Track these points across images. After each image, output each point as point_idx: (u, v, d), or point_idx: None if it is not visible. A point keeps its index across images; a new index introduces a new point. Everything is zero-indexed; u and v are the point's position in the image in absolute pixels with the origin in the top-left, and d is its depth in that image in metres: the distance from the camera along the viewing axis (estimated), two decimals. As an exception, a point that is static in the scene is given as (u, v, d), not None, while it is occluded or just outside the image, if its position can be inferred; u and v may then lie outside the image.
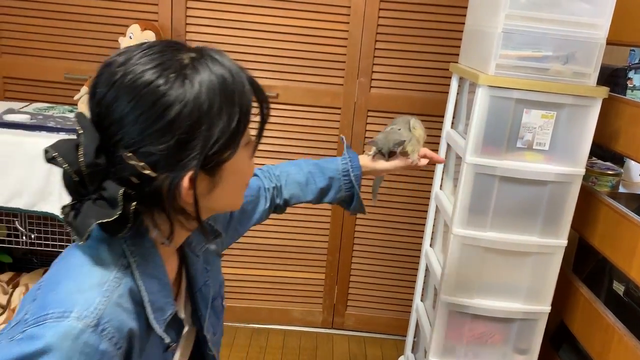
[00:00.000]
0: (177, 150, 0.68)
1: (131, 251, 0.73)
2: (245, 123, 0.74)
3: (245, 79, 0.75)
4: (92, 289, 0.68)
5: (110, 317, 0.67)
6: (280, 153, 2.42)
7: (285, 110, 2.38)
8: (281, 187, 1.17)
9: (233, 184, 0.78)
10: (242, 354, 2.42)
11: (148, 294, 0.73)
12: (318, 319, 2.64)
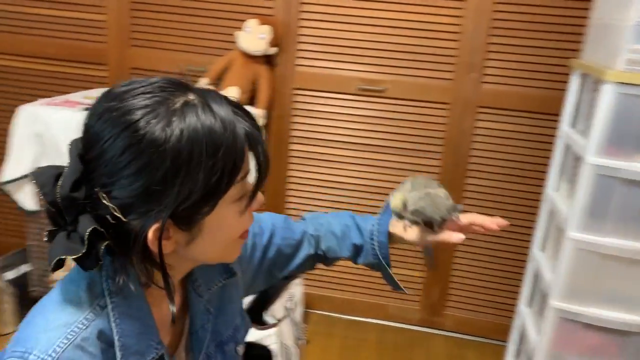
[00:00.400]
0: (145, 200, 0.64)
1: (111, 291, 0.70)
2: (228, 181, 0.66)
3: (241, 132, 0.66)
4: (57, 329, 0.66)
5: (68, 357, 0.65)
6: (385, 147, 2.41)
7: (392, 105, 2.37)
8: (319, 237, 1.04)
9: (217, 239, 0.71)
10: (338, 343, 2.45)
11: (121, 337, 0.70)
12: (415, 317, 2.61)
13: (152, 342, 0.74)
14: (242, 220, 0.73)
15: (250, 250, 0.95)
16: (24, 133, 2.00)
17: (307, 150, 2.48)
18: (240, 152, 0.66)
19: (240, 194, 0.70)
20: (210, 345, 0.86)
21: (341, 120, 2.41)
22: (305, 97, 2.41)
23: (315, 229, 1.04)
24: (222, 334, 0.88)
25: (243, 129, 0.67)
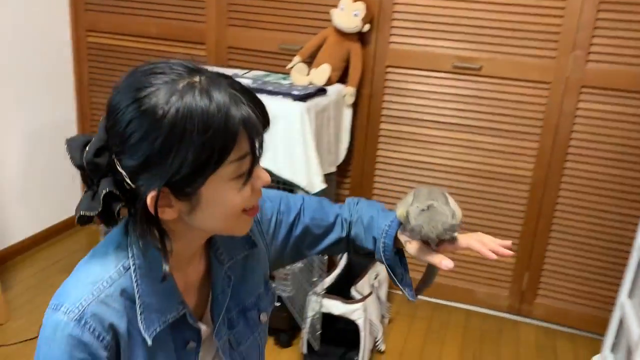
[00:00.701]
0: (144, 168, 0.71)
1: (134, 254, 0.78)
2: (218, 160, 0.71)
3: (236, 116, 0.70)
4: (85, 286, 0.75)
5: (93, 313, 0.74)
6: (479, 128, 2.35)
7: (487, 84, 2.29)
8: (351, 223, 1.04)
9: (216, 212, 0.76)
10: (423, 326, 2.43)
11: (142, 295, 0.77)
12: (503, 304, 2.54)
13: (173, 302, 0.81)
14: (241, 197, 0.76)
15: (274, 227, 0.99)
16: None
17: (398, 129, 2.46)
18: (231, 135, 0.70)
19: (236, 173, 0.73)
20: (233, 311, 0.91)
21: (434, 99, 2.37)
22: (398, 75, 2.39)
23: (350, 214, 1.05)
24: (244, 301, 0.93)
25: (240, 114, 0.71)
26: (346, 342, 2.13)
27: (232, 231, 0.82)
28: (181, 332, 0.84)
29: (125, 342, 0.78)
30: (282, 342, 2.23)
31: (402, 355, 2.22)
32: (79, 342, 0.73)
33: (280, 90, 2.05)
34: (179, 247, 0.80)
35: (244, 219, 0.81)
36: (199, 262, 0.88)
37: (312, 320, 2.03)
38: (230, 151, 0.71)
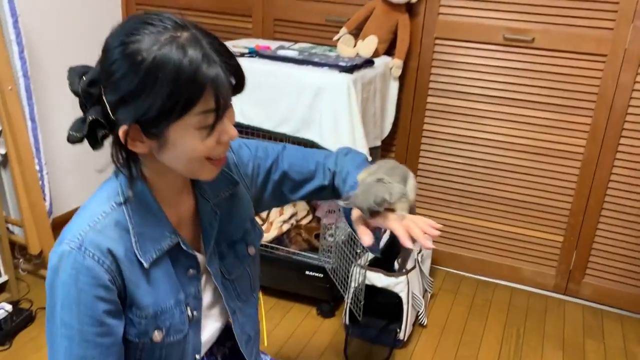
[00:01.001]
0: (121, 104, 0.80)
1: (124, 192, 0.88)
2: (183, 109, 0.78)
3: (206, 74, 0.77)
4: (83, 220, 0.86)
5: (90, 240, 0.84)
6: (530, 102, 2.29)
7: (539, 57, 2.22)
8: (335, 173, 1.12)
9: (180, 154, 0.84)
10: (466, 302, 2.42)
11: (135, 226, 0.88)
12: (550, 282, 2.49)
13: (165, 230, 0.91)
14: (204, 146, 0.83)
15: (253, 171, 1.10)
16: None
17: (445, 103, 2.42)
18: (197, 89, 0.77)
19: (201, 124, 0.81)
20: (223, 244, 1.03)
21: (484, 72, 2.32)
22: (447, 47, 2.34)
23: (336, 164, 1.12)
24: (232, 236, 1.04)
25: (210, 73, 0.78)
26: (388, 315, 2.15)
27: (196, 175, 0.90)
28: (180, 260, 0.94)
29: (128, 268, 0.87)
30: (324, 313, 2.26)
31: (444, 329, 2.22)
32: (82, 266, 0.83)
33: (327, 62, 2.04)
34: (162, 184, 0.91)
35: (209, 167, 0.88)
36: (187, 199, 0.98)
37: (355, 292, 2.05)
38: (194, 104, 0.78)
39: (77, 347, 0.84)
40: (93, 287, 0.83)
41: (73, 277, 0.83)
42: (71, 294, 0.83)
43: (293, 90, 1.96)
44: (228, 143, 0.88)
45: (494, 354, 2.10)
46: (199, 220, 1.00)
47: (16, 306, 2.17)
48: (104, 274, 0.84)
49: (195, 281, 0.97)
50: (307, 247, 2.26)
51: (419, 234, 0.86)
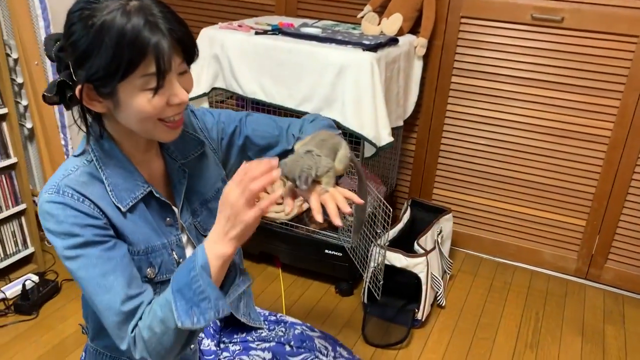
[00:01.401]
0: (77, 65, 0.87)
1: (93, 149, 0.95)
2: (126, 71, 0.84)
3: (147, 40, 0.83)
4: (58, 175, 0.93)
5: (66, 184, 0.91)
6: (557, 84, 2.24)
7: (569, 37, 2.17)
8: (299, 139, 1.14)
9: (132, 113, 0.89)
10: (485, 285, 2.41)
11: (108, 177, 0.95)
12: (571, 267, 2.47)
13: (137, 181, 0.98)
14: (152, 106, 0.88)
15: (218, 135, 1.15)
16: (203, 54, 2.16)
17: (469, 83, 2.38)
18: (138, 53, 0.83)
19: (145, 86, 0.86)
20: (196, 202, 1.08)
21: (510, 53, 2.27)
22: (473, 26, 2.30)
23: (300, 130, 1.17)
24: (204, 194, 1.09)
25: (152, 39, 0.83)
26: (406, 295, 2.15)
27: (152, 135, 0.94)
28: (156, 209, 1.00)
29: (108, 212, 0.93)
30: (342, 291, 2.28)
31: (462, 311, 2.22)
32: (64, 205, 0.89)
33: (350, 40, 2.02)
34: (129, 144, 0.97)
35: (162, 128, 0.93)
36: (156, 159, 1.04)
37: (374, 272, 2.05)
38: (136, 66, 0.84)
39: (92, 269, 0.90)
40: (81, 217, 0.90)
41: (60, 215, 0.89)
42: (65, 229, 0.89)
43: (316, 68, 1.95)
44: (180, 106, 0.92)
45: (512, 337, 2.10)
46: (169, 180, 1.06)
47: (42, 277, 2.22)
48: (87, 207, 0.90)
49: (174, 230, 1.03)
50: (327, 226, 2.27)
51: (332, 210, 0.91)
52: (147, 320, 0.90)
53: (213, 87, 2.19)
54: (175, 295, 0.88)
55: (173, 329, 0.88)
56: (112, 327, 0.91)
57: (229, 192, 0.87)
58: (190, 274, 0.88)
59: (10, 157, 2.14)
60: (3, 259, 2.22)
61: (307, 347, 1.21)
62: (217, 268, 0.89)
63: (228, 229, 0.88)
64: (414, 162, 2.62)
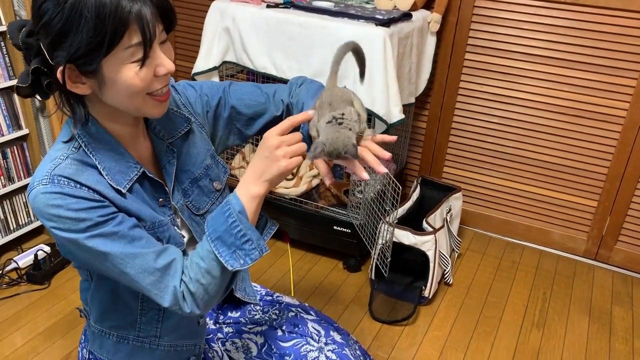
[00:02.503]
0: (54, 47, 0.82)
1: (80, 135, 0.90)
2: (109, 45, 0.80)
3: (128, 9, 0.79)
4: (46, 165, 0.88)
5: (57, 174, 0.86)
6: (573, 62, 2.20)
7: (586, 14, 2.12)
8: (291, 105, 1.14)
9: (120, 90, 0.85)
10: (493, 263, 2.41)
11: (101, 162, 0.91)
12: (580, 247, 2.46)
13: (129, 163, 0.94)
14: (140, 79, 0.85)
15: (202, 109, 1.11)
16: (214, 28, 2.14)
17: (484, 60, 2.35)
18: (121, 23, 0.79)
19: (131, 58, 0.83)
20: (186, 182, 1.05)
21: (526, 30, 2.23)
22: (488, 2, 2.25)
23: (290, 95, 1.14)
24: (193, 172, 1.06)
25: (132, 7, 0.79)
26: (414, 272, 2.16)
27: (142, 111, 0.91)
28: (149, 190, 0.98)
29: (107, 194, 0.89)
30: (350, 267, 2.29)
31: (469, 289, 2.23)
32: (63, 194, 0.85)
33: (363, 14, 1.99)
34: (115, 127, 0.94)
35: (152, 102, 0.90)
36: (144, 141, 1.01)
37: (382, 249, 2.06)
38: (120, 37, 0.80)
39: (113, 244, 0.88)
40: (83, 202, 0.86)
41: (62, 205, 0.85)
42: (71, 215, 0.85)
43: (327, 43, 1.92)
44: (167, 77, 0.90)
45: (519, 316, 2.10)
46: (158, 161, 1.03)
47: (54, 248, 2.25)
48: (86, 193, 0.87)
49: (167, 210, 1.01)
50: (336, 203, 2.27)
51: (372, 161, 0.93)
52: (192, 274, 0.92)
53: (224, 60, 2.18)
54: (216, 244, 0.90)
55: (219, 277, 0.91)
56: (150, 288, 0.90)
57: (270, 137, 0.91)
58: (228, 221, 0.90)
59: (22, 128, 2.15)
60: (15, 229, 2.25)
61: (299, 332, 1.20)
62: (252, 210, 0.92)
63: (263, 171, 0.91)
64: (425, 139, 2.61)
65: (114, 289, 1.00)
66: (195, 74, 2.20)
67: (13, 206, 2.22)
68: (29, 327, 1.92)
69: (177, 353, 1.09)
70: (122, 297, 1.01)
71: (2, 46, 2.01)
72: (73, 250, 0.91)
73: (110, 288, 1.00)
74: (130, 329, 1.03)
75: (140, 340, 1.05)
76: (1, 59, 2.02)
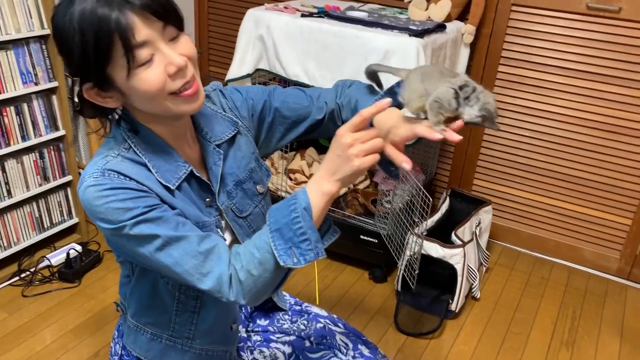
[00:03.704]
0: (72, 72, 0.86)
1: (129, 137, 0.93)
2: (97, 56, 0.81)
3: (105, 18, 0.79)
4: (97, 162, 0.91)
5: (109, 168, 0.88)
6: (610, 77, 2.16)
7: (625, 29, 2.08)
8: (341, 106, 1.11)
9: (143, 97, 0.87)
10: (522, 279, 2.37)
11: (151, 160, 0.93)
12: (612, 266, 2.41)
13: (178, 162, 0.96)
14: (150, 84, 0.85)
15: (248, 112, 1.12)
16: (249, 35, 2.17)
17: (517, 73, 2.32)
18: (103, 34, 0.80)
19: (136, 63, 0.83)
20: (230, 184, 1.05)
21: (562, 43, 2.20)
22: (523, 14, 2.23)
23: (337, 97, 1.12)
24: (238, 175, 1.07)
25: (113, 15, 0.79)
26: (441, 285, 2.14)
27: (173, 111, 0.90)
28: (196, 190, 0.99)
29: (156, 190, 0.91)
30: (376, 277, 2.28)
31: (497, 304, 2.20)
32: (112, 188, 0.87)
33: (397, 25, 1.99)
34: (161, 130, 0.95)
35: (179, 100, 0.89)
36: (193, 143, 1.03)
37: (410, 260, 2.04)
38: (106, 48, 0.81)
39: (158, 228, 0.88)
40: (131, 193, 0.88)
41: (110, 196, 0.87)
42: (118, 206, 0.87)
43: (360, 53, 1.93)
44: (184, 72, 0.88)
45: (547, 334, 2.06)
46: (205, 162, 1.04)
47: (85, 247, 2.30)
48: (134, 185, 0.89)
49: (213, 211, 1.01)
50: (363, 212, 2.27)
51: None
52: (244, 262, 0.90)
53: (257, 68, 2.20)
54: (274, 235, 0.88)
55: (271, 270, 0.89)
56: (192, 271, 0.89)
57: (343, 134, 0.87)
58: (291, 215, 0.87)
59: (59, 129, 2.20)
60: (49, 228, 2.30)
61: (327, 343, 1.19)
62: (320, 208, 0.89)
63: (336, 169, 0.88)
64: (455, 151, 2.59)
65: (154, 286, 1.02)
66: (228, 80, 2.23)
67: (48, 205, 2.28)
68: (59, 324, 1.96)
69: (207, 358, 1.10)
70: (160, 294, 1.02)
71: (43, 49, 2.07)
72: (119, 241, 0.92)
73: (150, 284, 1.02)
74: (165, 328, 1.05)
75: (172, 340, 1.06)
76: (42, 61, 2.07)
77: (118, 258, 1.05)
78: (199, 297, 1.03)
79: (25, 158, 2.12)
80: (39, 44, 2.05)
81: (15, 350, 1.85)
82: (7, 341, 1.88)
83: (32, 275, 2.17)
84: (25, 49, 2.02)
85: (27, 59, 2.03)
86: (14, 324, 1.96)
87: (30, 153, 2.14)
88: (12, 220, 2.15)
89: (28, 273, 2.18)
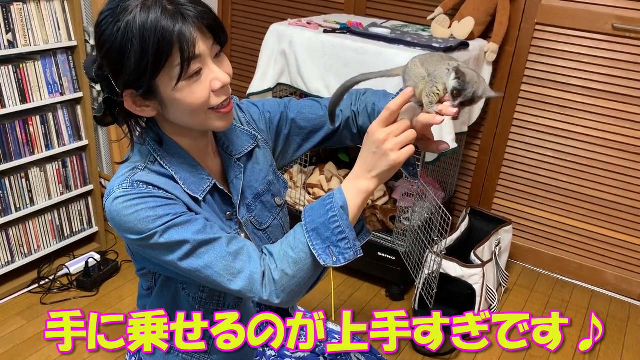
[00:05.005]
0: (114, 76, 0.87)
1: (154, 149, 0.95)
2: (154, 65, 0.83)
3: (167, 30, 0.82)
4: (125, 173, 0.92)
5: (136, 179, 0.90)
6: (635, 98, 2.13)
7: (652, 49, 2.06)
8: (357, 113, 1.13)
9: (182, 109, 0.89)
10: (542, 301, 2.33)
11: (177, 173, 0.94)
12: (635, 290, 2.36)
13: (202, 175, 0.98)
14: (197, 97, 0.87)
15: (266, 125, 1.13)
16: (271, 50, 2.18)
17: (540, 92, 2.30)
18: (164, 45, 0.82)
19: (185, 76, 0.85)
20: (250, 197, 1.06)
21: (586, 63, 2.18)
22: (547, 34, 2.22)
23: (352, 104, 1.14)
24: (256, 188, 1.08)
25: (176, 27, 0.82)
26: (458, 304, 2.11)
27: (207, 126, 0.93)
28: (218, 203, 1.00)
29: (183, 199, 0.92)
30: (393, 295, 2.25)
31: (516, 326, 2.16)
32: (141, 197, 0.88)
33: (420, 42, 1.99)
34: (186, 143, 0.97)
35: (216, 116, 0.92)
36: (214, 156, 1.04)
37: (429, 279, 2.02)
38: (164, 58, 0.83)
39: (192, 234, 0.88)
40: (160, 201, 0.89)
41: (140, 205, 0.87)
42: (148, 214, 0.87)
43: (382, 69, 1.92)
44: (226, 89, 0.90)
45: (567, 359, 2.02)
46: (226, 176, 1.04)
47: (104, 256, 2.31)
48: (163, 194, 0.90)
49: (233, 224, 1.02)
50: (381, 229, 2.25)
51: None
52: (278, 262, 0.90)
53: (278, 82, 2.21)
54: (311, 235, 0.87)
55: (306, 270, 0.89)
56: (222, 272, 0.89)
57: (375, 131, 0.86)
58: (328, 214, 0.87)
59: (82, 139, 2.23)
60: (69, 236, 2.33)
61: None
62: (356, 206, 0.89)
63: (372, 166, 0.87)
64: (476, 169, 2.57)
65: (174, 298, 1.02)
66: (250, 94, 2.24)
67: (69, 213, 2.30)
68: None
69: None
70: (180, 306, 1.02)
71: (69, 60, 2.11)
72: (146, 251, 0.92)
73: (171, 296, 1.02)
74: None
75: (190, 353, 1.06)
76: (68, 72, 2.11)
77: (139, 271, 1.05)
78: (218, 311, 1.02)
79: (49, 167, 2.16)
80: (66, 55, 2.09)
81: (32, 357, 1.86)
82: (25, 348, 1.90)
83: (51, 283, 2.19)
84: (52, 60, 2.05)
85: (54, 70, 2.07)
86: (32, 330, 1.97)
87: (54, 162, 2.17)
88: (33, 227, 2.18)
89: (47, 280, 2.20)
